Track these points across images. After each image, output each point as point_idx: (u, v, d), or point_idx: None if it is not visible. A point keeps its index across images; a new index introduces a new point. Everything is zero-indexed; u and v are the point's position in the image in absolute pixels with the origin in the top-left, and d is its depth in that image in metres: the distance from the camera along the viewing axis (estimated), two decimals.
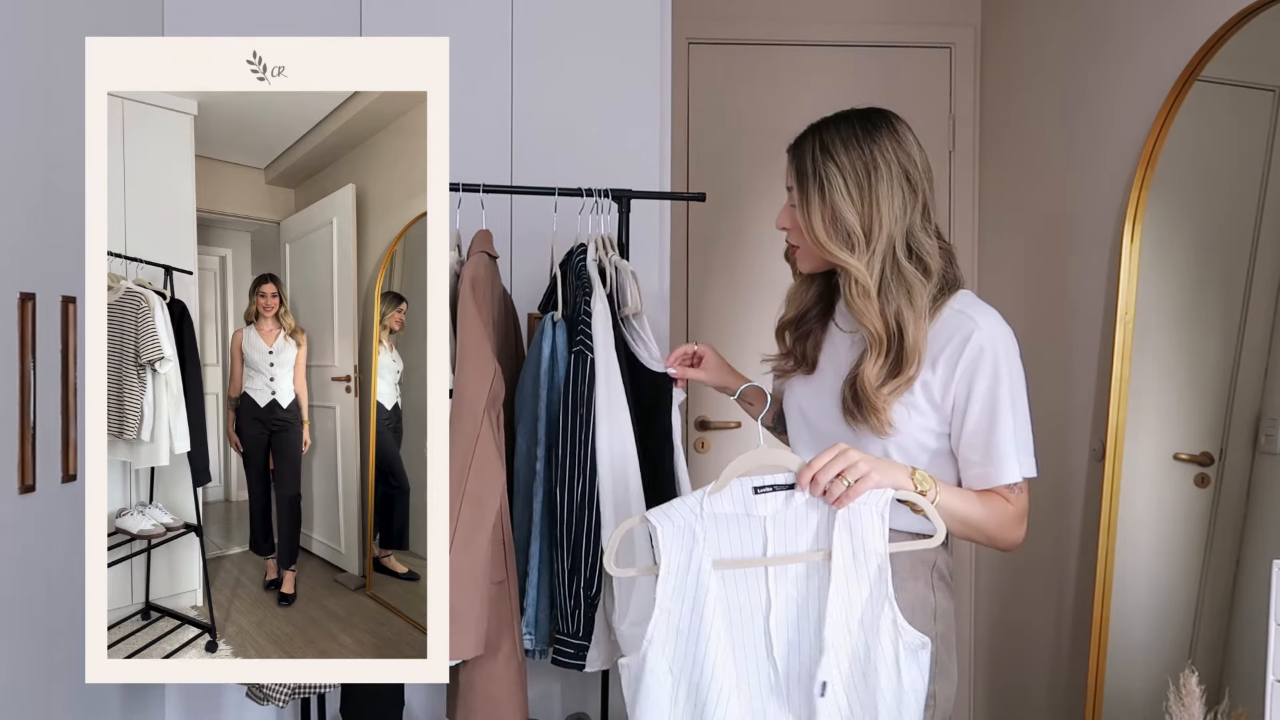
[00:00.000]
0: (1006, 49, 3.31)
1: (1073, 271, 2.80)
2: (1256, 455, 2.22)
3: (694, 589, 1.49)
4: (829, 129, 1.61)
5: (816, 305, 1.73)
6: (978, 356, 1.56)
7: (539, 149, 2.50)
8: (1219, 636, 2.27)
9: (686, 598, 1.49)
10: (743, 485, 1.52)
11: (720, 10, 3.41)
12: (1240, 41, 2.22)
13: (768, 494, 1.52)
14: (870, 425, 1.59)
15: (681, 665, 1.50)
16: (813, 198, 1.59)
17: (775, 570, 1.52)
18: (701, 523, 1.50)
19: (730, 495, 1.52)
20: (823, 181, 1.58)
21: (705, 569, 1.49)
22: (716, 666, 1.48)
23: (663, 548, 1.50)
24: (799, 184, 1.61)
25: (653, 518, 1.51)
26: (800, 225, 1.62)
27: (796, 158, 1.62)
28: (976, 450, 1.59)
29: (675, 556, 1.50)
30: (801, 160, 1.61)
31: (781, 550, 1.52)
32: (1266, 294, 2.19)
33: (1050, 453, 2.88)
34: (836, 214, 1.57)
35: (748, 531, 1.52)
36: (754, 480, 1.52)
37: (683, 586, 1.49)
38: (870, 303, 1.57)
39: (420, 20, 2.47)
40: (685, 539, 1.50)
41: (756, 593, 1.52)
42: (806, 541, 1.52)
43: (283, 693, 2.18)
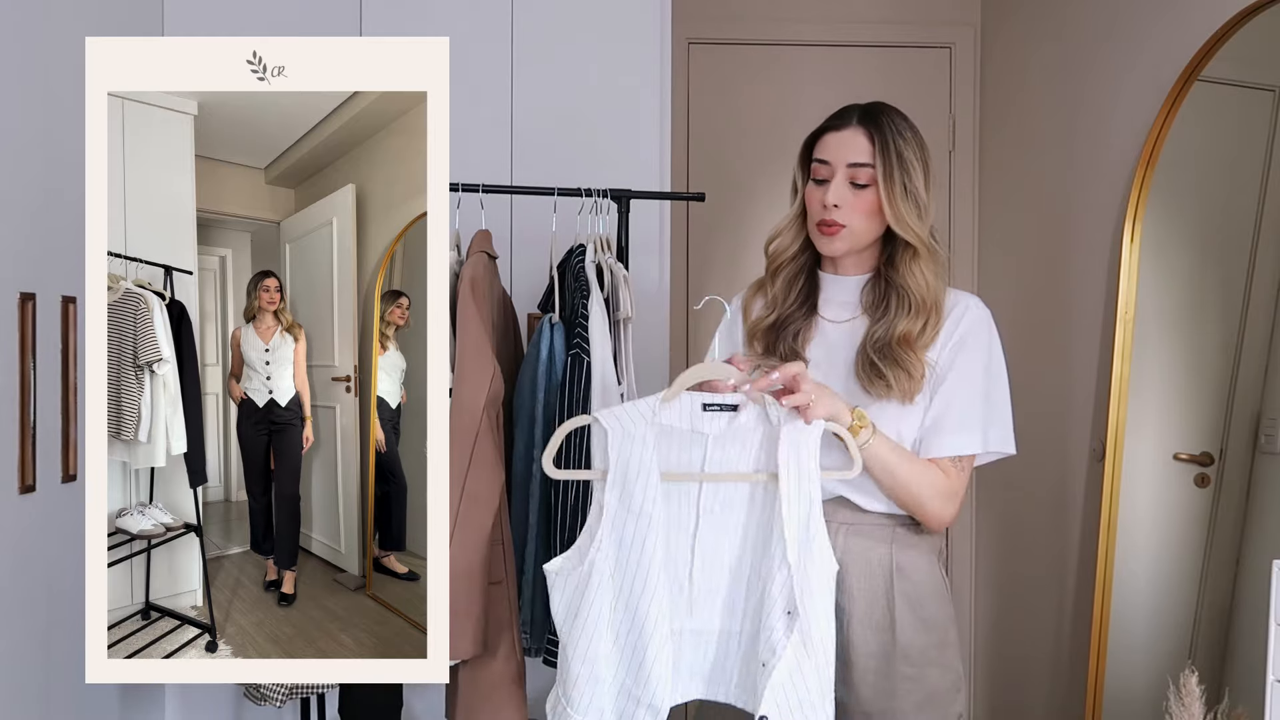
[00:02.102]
0: (1006, 49, 3.31)
1: (1073, 271, 2.80)
2: (1256, 455, 2.22)
3: (641, 497, 1.48)
4: (892, 111, 1.66)
5: (802, 305, 1.72)
6: (970, 331, 1.64)
7: (539, 149, 2.50)
8: (1219, 636, 2.27)
9: (633, 506, 1.48)
10: (692, 400, 1.51)
11: (720, 10, 3.41)
12: (1240, 41, 2.22)
13: (715, 412, 1.52)
14: (898, 385, 1.60)
15: (623, 575, 1.49)
16: (895, 173, 1.62)
17: (707, 490, 1.53)
18: (651, 430, 1.49)
19: (679, 408, 1.51)
20: (905, 158, 1.62)
21: (654, 478, 1.48)
22: (652, 578, 1.48)
23: (613, 451, 1.48)
24: (883, 159, 1.62)
25: (604, 419, 1.49)
26: (880, 199, 1.62)
27: (878, 135, 1.63)
28: (935, 419, 1.63)
29: (625, 461, 1.48)
30: (884, 137, 1.63)
31: (720, 468, 1.53)
32: (1266, 294, 2.19)
33: (1050, 453, 2.89)
34: (912, 189, 1.62)
35: (689, 448, 1.52)
36: (704, 397, 1.52)
37: (630, 493, 1.48)
38: (928, 270, 1.64)
39: (420, 20, 2.47)
40: (636, 446, 1.48)
41: (687, 510, 1.53)
42: (747, 463, 1.53)
43: (280, 693, 2.18)
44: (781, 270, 1.74)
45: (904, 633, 1.62)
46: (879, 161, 1.62)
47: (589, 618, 1.49)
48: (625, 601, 1.49)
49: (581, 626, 1.49)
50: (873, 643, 1.62)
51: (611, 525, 1.48)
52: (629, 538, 1.49)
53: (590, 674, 1.50)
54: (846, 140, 1.64)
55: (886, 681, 1.62)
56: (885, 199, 1.62)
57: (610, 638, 1.50)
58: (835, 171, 1.64)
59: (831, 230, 1.65)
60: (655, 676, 1.49)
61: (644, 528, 1.48)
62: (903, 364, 1.60)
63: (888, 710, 1.62)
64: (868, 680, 1.62)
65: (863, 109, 1.67)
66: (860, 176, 1.63)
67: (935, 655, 1.64)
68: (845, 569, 1.63)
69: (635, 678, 1.51)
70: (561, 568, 1.52)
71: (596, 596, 1.49)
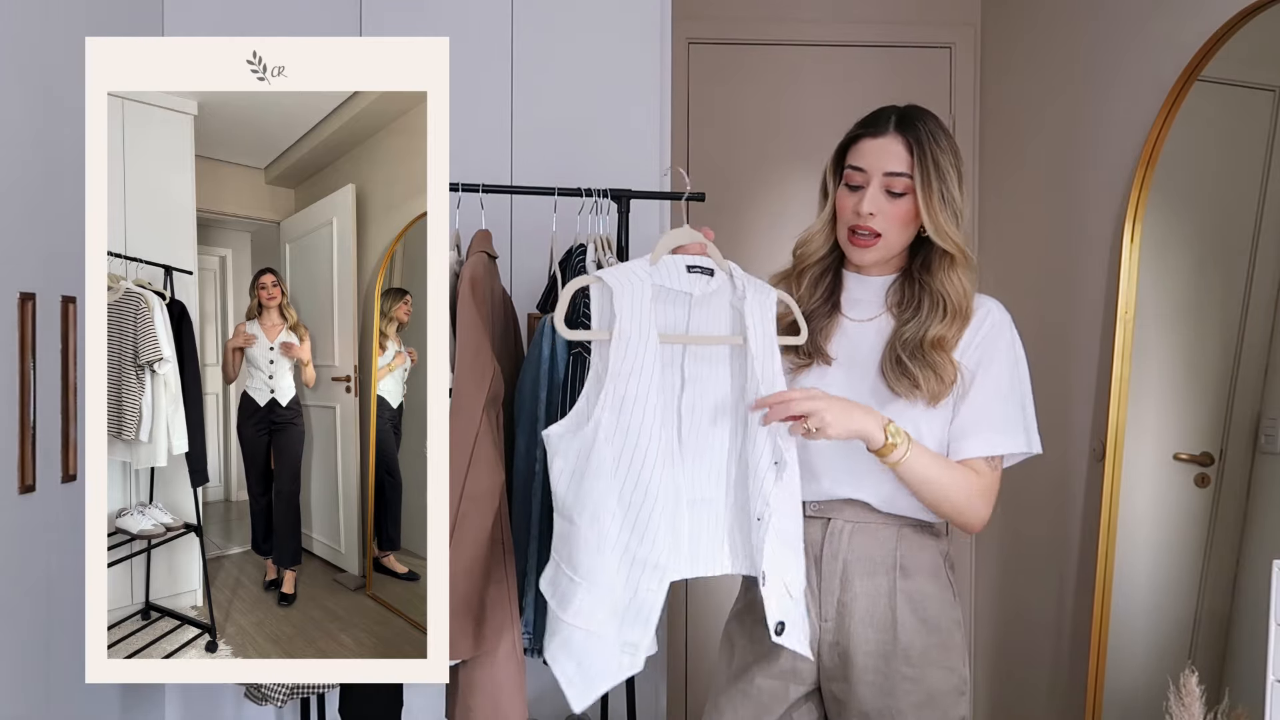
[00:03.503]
0: (1006, 49, 3.31)
1: (1073, 271, 2.80)
2: (1256, 455, 2.22)
3: (641, 354, 1.47)
4: (928, 117, 1.66)
5: (825, 302, 1.73)
6: (993, 333, 1.65)
7: (539, 149, 2.50)
8: (1219, 636, 2.27)
9: (635, 364, 1.47)
10: (676, 262, 1.52)
11: (720, 10, 3.41)
12: (1240, 41, 2.22)
13: (698, 275, 1.53)
14: (927, 387, 1.60)
15: (624, 436, 1.47)
16: (933, 183, 1.61)
17: (689, 353, 1.55)
18: (648, 288, 1.50)
19: (667, 269, 1.52)
20: (942, 167, 1.62)
21: (653, 336, 1.49)
22: (655, 437, 1.47)
23: (621, 307, 1.47)
24: (921, 168, 1.61)
25: (607, 277, 1.49)
26: (919, 207, 1.62)
27: (916, 144, 1.62)
28: (967, 418, 1.63)
29: (630, 317, 1.47)
30: (922, 146, 1.62)
31: (699, 332, 1.55)
32: (1266, 294, 2.19)
33: (1050, 453, 2.87)
34: (949, 196, 1.62)
35: (674, 308, 1.54)
36: (688, 259, 1.53)
37: (634, 350, 1.47)
38: (965, 278, 1.65)
39: (420, 20, 2.47)
40: (640, 303, 1.48)
41: (673, 373, 1.54)
42: (722, 326, 1.57)
43: (281, 693, 2.18)
44: (808, 271, 1.74)
45: (905, 632, 1.62)
46: (917, 172, 1.61)
47: (597, 478, 1.46)
48: (629, 462, 1.47)
49: (590, 489, 1.47)
50: (873, 641, 1.62)
51: (614, 384, 1.46)
52: (630, 397, 1.47)
53: (598, 537, 1.47)
54: (884, 148, 1.63)
55: (886, 681, 1.62)
56: (924, 209, 1.61)
57: (614, 497, 1.48)
58: (871, 179, 1.63)
59: (867, 243, 1.65)
60: (659, 538, 1.49)
61: (645, 387, 1.47)
62: (934, 366, 1.60)
63: (885, 709, 1.62)
64: (866, 679, 1.62)
65: (899, 114, 1.65)
66: (897, 185, 1.62)
67: (937, 656, 1.64)
68: (849, 566, 1.63)
69: (640, 539, 1.49)
70: (563, 431, 1.49)
71: (603, 456, 1.46)
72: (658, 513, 1.48)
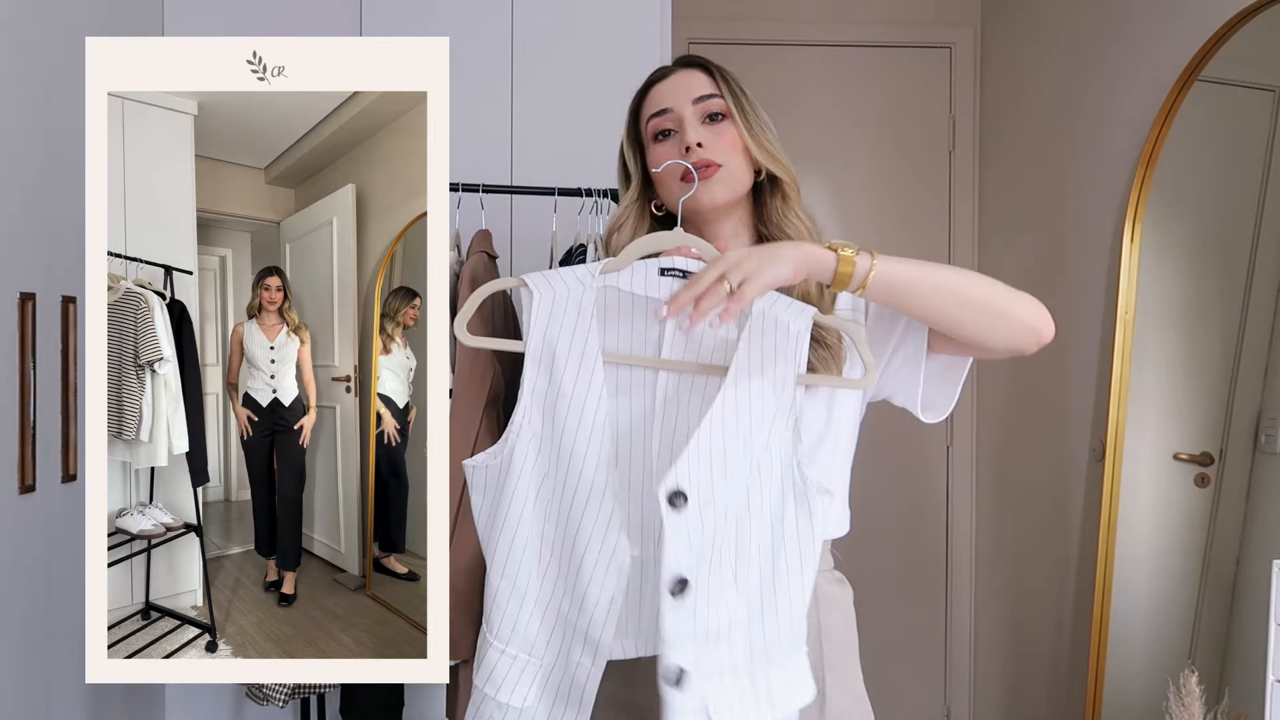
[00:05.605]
0: (1006, 49, 3.31)
1: (1073, 271, 2.80)
2: (1256, 455, 2.22)
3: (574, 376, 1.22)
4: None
5: None
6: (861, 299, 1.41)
7: (539, 149, 2.50)
8: (1219, 636, 2.27)
9: (564, 387, 1.22)
10: (647, 267, 1.26)
11: (720, 10, 3.41)
12: (1240, 41, 2.22)
13: (675, 278, 1.25)
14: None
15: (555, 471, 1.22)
16: (744, 103, 1.45)
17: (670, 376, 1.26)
18: (589, 296, 1.24)
19: (631, 272, 1.26)
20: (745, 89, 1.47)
21: (590, 352, 1.22)
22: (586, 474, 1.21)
23: (534, 319, 1.23)
24: (727, 87, 1.45)
25: (532, 280, 1.25)
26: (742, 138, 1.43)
27: (715, 70, 1.46)
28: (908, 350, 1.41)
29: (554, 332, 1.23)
30: (720, 70, 1.47)
31: (679, 354, 1.25)
32: (1266, 294, 2.19)
33: (1050, 453, 2.89)
34: (764, 118, 1.46)
35: (643, 321, 1.26)
36: (662, 261, 1.26)
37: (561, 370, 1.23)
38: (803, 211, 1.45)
39: (420, 20, 2.47)
40: (569, 315, 1.23)
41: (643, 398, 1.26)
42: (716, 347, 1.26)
43: (282, 693, 2.19)
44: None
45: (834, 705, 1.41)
46: (725, 91, 1.44)
47: (508, 516, 1.23)
48: (559, 503, 1.22)
49: (500, 527, 1.24)
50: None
51: (540, 408, 1.23)
52: (559, 426, 1.21)
53: (512, 589, 1.24)
54: (682, 80, 1.46)
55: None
56: (745, 130, 1.42)
57: (538, 544, 1.24)
58: (683, 114, 1.43)
59: (708, 170, 1.39)
60: (592, 600, 1.21)
61: (576, 412, 1.21)
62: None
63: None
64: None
65: (678, 59, 1.51)
66: (713, 106, 1.43)
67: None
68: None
69: (571, 599, 1.23)
70: (481, 461, 1.27)
71: (517, 489, 1.23)
72: (590, 568, 1.21)
